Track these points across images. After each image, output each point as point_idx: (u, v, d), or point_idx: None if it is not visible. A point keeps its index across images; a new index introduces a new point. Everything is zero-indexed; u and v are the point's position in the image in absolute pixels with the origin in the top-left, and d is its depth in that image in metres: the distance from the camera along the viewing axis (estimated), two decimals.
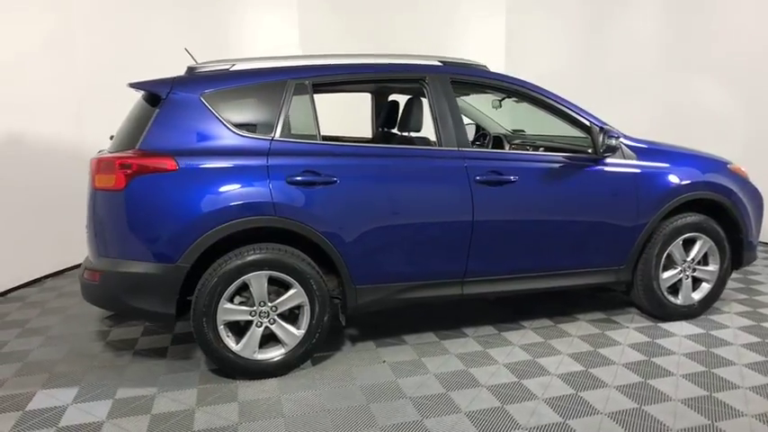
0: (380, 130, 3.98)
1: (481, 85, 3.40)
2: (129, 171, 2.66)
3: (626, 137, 3.47)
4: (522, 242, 3.23)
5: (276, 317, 2.87)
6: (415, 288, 3.10)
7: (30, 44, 4.51)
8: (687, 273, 3.57)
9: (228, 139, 2.81)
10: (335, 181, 2.86)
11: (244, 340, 2.84)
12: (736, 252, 3.67)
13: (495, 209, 3.12)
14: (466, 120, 4.48)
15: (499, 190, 3.11)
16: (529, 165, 3.23)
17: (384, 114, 3.92)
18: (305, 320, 2.91)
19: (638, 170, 3.38)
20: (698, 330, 3.46)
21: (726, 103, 5.66)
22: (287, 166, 2.81)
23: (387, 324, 3.61)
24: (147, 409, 2.63)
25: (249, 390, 2.81)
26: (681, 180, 3.44)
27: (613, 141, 3.19)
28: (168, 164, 2.68)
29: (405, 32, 6.87)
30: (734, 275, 4.54)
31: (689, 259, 3.55)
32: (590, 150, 3.36)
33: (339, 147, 3.03)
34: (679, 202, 3.44)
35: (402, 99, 3.62)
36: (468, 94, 4.34)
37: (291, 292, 2.86)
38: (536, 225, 3.23)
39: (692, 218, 3.49)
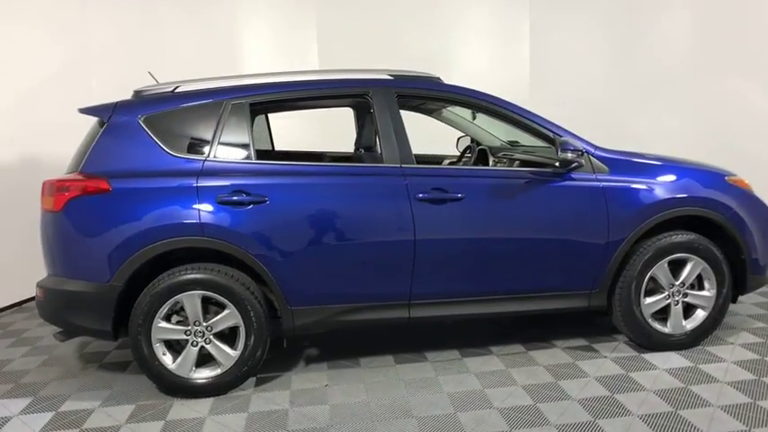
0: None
1: (431, 97, 3.25)
2: (66, 194, 2.77)
3: (599, 148, 3.19)
4: (474, 263, 3.03)
5: (212, 337, 2.87)
6: (357, 310, 2.99)
7: (47, 70, 4.86)
8: (676, 298, 3.20)
9: (163, 160, 2.86)
10: (266, 201, 2.82)
11: (179, 359, 2.86)
12: (741, 275, 3.25)
13: (439, 228, 2.95)
14: (458, 132, 4.33)
15: (443, 208, 2.94)
16: (479, 181, 3.04)
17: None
18: (241, 341, 2.89)
19: (608, 185, 3.08)
20: (685, 363, 3.09)
21: (762, 106, 5.08)
22: (217, 186, 2.81)
23: (340, 344, 3.52)
24: (80, 423, 2.71)
25: (183, 408, 2.82)
26: (661, 195, 3.10)
27: (569, 155, 2.92)
28: (102, 186, 2.77)
29: (426, 43, 6.76)
30: (760, 299, 4.04)
31: (677, 283, 3.18)
32: (557, 164, 3.11)
33: (271, 166, 2.98)
34: (660, 219, 3.10)
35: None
36: (440, 108, 4.05)
37: (225, 312, 2.85)
38: (489, 245, 3.03)
39: (679, 237, 3.13)
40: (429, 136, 4.15)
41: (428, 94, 3.21)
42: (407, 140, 3.03)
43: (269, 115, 4.16)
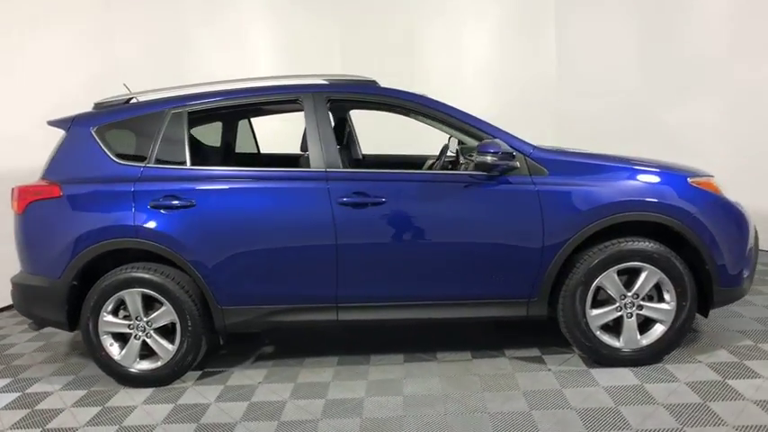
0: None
1: (363, 101, 3.24)
2: (25, 198, 3.09)
3: (538, 150, 3.01)
4: (399, 268, 2.99)
5: (152, 331, 3.08)
6: (286, 312, 3.06)
7: (75, 87, 5.37)
8: (629, 310, 2.95)
9: (109, 167, 3.10)
10: (194, 205, 2.97)
11: (124, 351, 3.10)
12: (708, 288, 2.94)
13: (360, 232, 2.95)
14: (445, 135, 4.21)
15: (365, 212, 2.93)
16: (403, 185, 2.98)
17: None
18: (177, 337, 3.07)
19: (544, 188, 2.91)
20: (631, 381, 2.85)
21: None
22: (151, 191, 3.01)
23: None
24: (34, 404, 3.03)
25: (125, 396, 3.05)
26: (603, 199, 2.88)
27: (488, 159, 2.80)
28: (54, 192, 3.06)
29: (451, 35, 6.66)
30: (756, 314, 3.62)
31: (630, 294, 2.94)
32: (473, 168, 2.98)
33: (200, 171, 3.11)
34: (602, 224, 2.88)
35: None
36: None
37: (162, 309, 3.04)
38: (414, 250, 2.97)
39: (629, 244, 2.89)
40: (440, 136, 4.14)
41: (360, 98, 3.20)
42: (334, 145, 3.05)
43: (251, 119, 4.35)
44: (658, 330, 2.97)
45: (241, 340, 3.64)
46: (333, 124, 3.16)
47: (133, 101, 3.29)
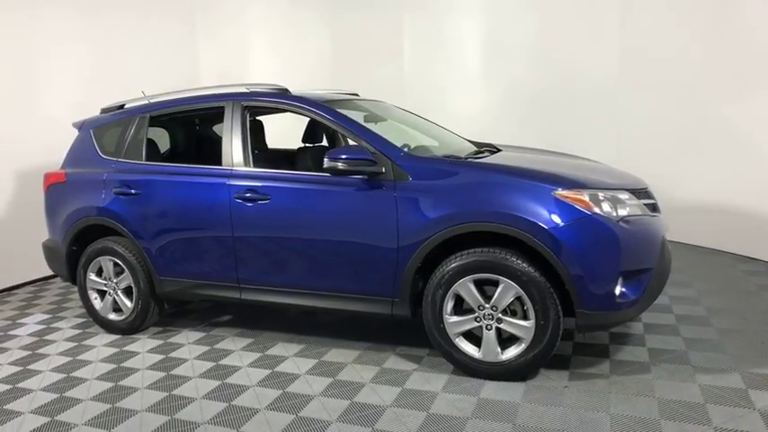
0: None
1: (268, 107, 3.62)
2: (47, 181, 4.13)
3: (406, 156, 3.10)
4: (282, 259, 3.35)
5: (120, 291, 3.90)
6: (204, 286, 3.63)
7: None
8: (488, 322, 2.90)
9: (96, 160, 3.97)
10: (137, 193, 3.69)
11: (101, 303, 3.97)
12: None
13: (249, 225, 3.36)
14: (427, 139, 4.36)
15: (253, 207, 3.33)
16: (283, 184, 3.30)
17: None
18: (134, 297, 3.84)
19: (401, 193, 2.99)
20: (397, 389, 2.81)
21: None
22: (114, 180, 3.80)
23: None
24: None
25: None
26: (459, 206, 2.87)
27: (339, 165, 2.97)
28: (61, 177, 4.04)
29: (523, 23, 6.50)
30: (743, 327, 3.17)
31: (489, 306, 2.89)
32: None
33: (144, 165, 3.77)
34: (454, 232, 2.86)
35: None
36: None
37: (123, 275, 3.84)
38: (291, 244, 3.29)
39: (485, 254, 2.84)
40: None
41: (266, 105, 3.57)
42: (248, 145, 3.48)
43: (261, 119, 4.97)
44: (519, 348, 2.86)
45: None
46: (247, 127, 3.57)
47: (127, 107, 4.10)
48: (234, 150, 3.49)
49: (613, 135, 5.96)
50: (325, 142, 4.50)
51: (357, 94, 4.42)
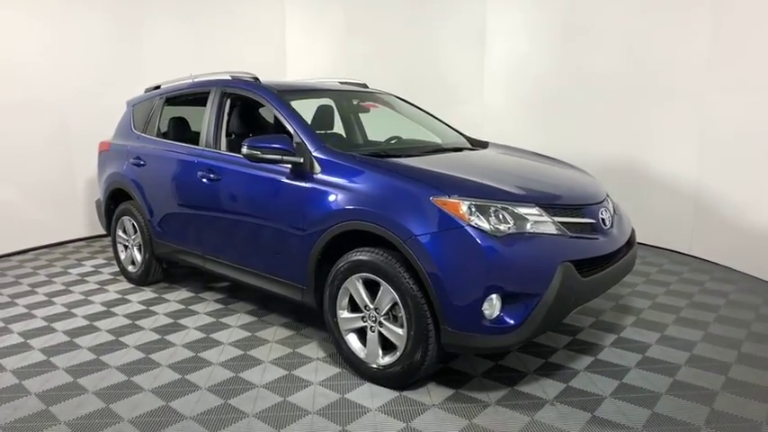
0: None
1: (237, 95, 3.80)
2: (100, 148, 4.93)
3: (322, 149, 3.10)
4: (227, 235, 3.60)
5: (134, 247, 4.55)
6: (183, 253, 4.06)
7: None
8: (370, 323, 2.86)
9: (129, 134, 4.63)
10: (144, 164, 4.25)
11: (124, 256, 4.67)
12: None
13: (206, 202, 3.69)
14: (425, 132, 4.37)
15: (209, 185, 3.64)
16: (231, 166, 3.52)
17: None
18: (142, 254, 4.46)
19: (309, 184, 3.05)
20: (332, 394, 2.81)
21: None
22: (132, 152, 4.41)
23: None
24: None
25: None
26: (347, 204, 2.85)
27: (256, 153, 3.08)
28: (107, 146, 4.80)
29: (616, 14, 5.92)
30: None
31: (372, 307, 2.84)
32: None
33: (153, 140, 4.28)
34: (341, 228, 2.86)
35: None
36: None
37: (136, 234, 4.47)
38: (232, 223, 3.54)
39: (361, 254, 2.80)
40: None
41: (238, 93, 3.77)
42: (220, 129, 3.78)
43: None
44: (394, 356, 2.76)
45: None
46: (228, 111, 3.86)
47: (161, 89, 4.69)
48: (208, 132, 3.83)
49: (695, 138, 5.14)
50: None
51: (365, 85, 4.49)
